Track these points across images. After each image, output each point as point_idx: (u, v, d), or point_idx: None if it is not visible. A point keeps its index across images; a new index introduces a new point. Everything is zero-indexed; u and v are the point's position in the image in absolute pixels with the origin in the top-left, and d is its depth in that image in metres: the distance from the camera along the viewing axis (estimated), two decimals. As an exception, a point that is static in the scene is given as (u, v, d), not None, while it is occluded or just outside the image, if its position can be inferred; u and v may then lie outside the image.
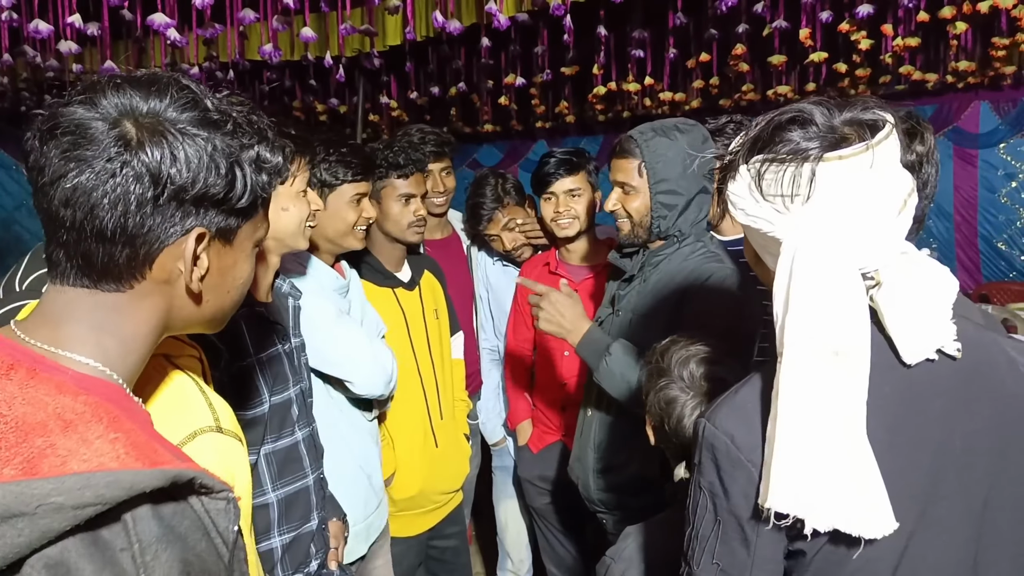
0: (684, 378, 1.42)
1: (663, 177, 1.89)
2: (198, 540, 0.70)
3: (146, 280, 0.78)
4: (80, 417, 0.68)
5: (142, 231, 0.75)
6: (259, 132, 0.85)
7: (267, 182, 0.86)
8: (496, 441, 2.88)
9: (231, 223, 0.83)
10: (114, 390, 0.77)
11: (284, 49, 3.39)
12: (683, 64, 3.96)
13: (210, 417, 1.00)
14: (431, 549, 2.52)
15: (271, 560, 1.60)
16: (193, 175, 0.76)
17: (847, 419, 0.92)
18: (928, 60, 3.90)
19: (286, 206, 1.64)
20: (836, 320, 0.93)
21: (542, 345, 2.61)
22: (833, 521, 0.92)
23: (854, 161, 0.94)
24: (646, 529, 1.44)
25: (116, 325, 0.78)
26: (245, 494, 1.05)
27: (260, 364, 1.59)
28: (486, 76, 4.17)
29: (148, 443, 0.70)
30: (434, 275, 2.51)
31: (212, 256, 0.82)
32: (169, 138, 0.75)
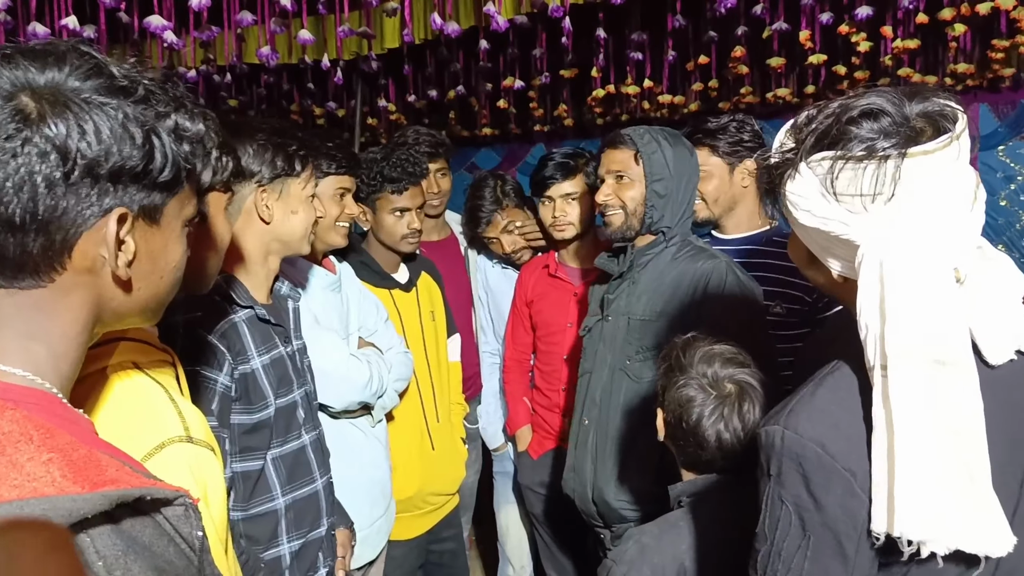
0: (707, 376, 1.39)
1: (658, 165, 1.91)
2: (164, 547, 0.66)
3: (67, 271, 0.71)
4: (8, 437, 0.62)
5: (55, 215, 0.68)
6: (175, 99, 0.78)
7: (189, 152, 0.78)
8: (497, 446, 2.85)
9: (155, 199, 0.75)
10: (47, 399, 0.71)
11: (282, 52, 3.38)
12: (682, 67, 3.95)
13: (180, 426, 0.97)
14: (430, 553, 2.50)
15: (279, 568, 1.57)
16: (105, 147, 0.69)
17: (963, 432, 0.87)
18: (927, 62, 3.88)
19: (296, 209, 1.62)
20: (939, 327, 0.87)
21: (542, 351, 2.59)
22: (956, 543, 0.86)
23: (940, 155, 0.89)
24: (648, 531, 1.41)
25: (42, 328, 0.71)
26: (219, 504, 1.02)
27: (264, 367, 1.57)
28: (484, 79, 4.15)
29: (88, 459, 0.64)
30: (431, 277, 2.50)
31: (138, 239, 0.75)
32: (74, 109, 0.68)
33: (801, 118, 1.00)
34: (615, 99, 4.27)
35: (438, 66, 3.93)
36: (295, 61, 3.45)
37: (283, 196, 1.60)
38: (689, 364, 1.42)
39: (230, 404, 1.51)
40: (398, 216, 2.24)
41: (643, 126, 2.01)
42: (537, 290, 2.59)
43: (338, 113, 4.34)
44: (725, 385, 1.39)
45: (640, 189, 1.95)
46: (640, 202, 1.95)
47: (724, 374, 1.40)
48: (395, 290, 2.34)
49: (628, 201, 1.96)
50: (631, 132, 1.97)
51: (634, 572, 1.34)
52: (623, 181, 1.97)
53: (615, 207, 1.98)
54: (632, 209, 1.96)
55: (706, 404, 1.37)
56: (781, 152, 1.00)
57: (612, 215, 1.99)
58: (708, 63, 3.76)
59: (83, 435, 0.70)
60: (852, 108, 0.93)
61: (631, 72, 3.89)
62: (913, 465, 0.86)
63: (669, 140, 1.96)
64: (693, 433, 1.39)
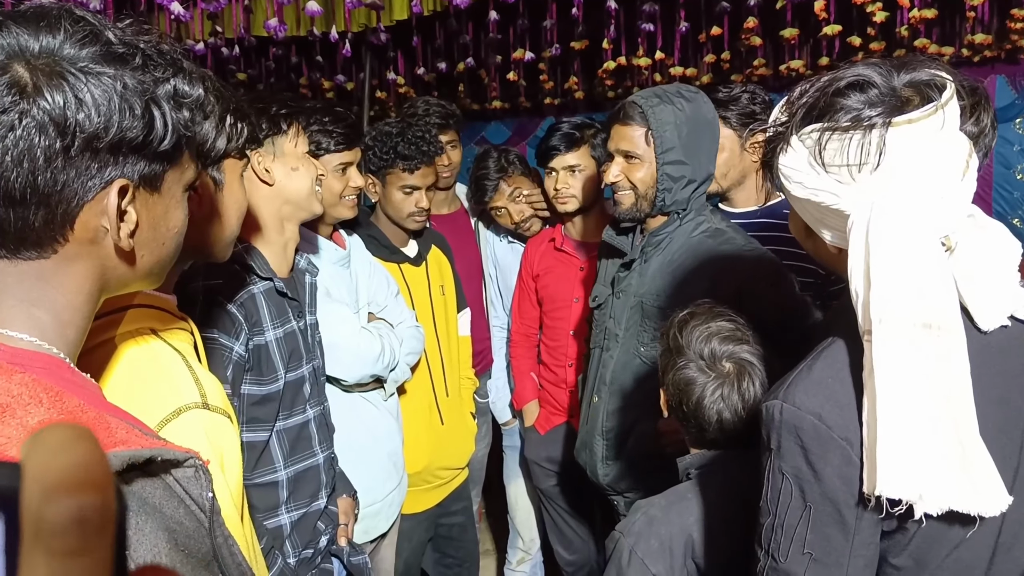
0: (704, 357, 1.39)
1: (670, 146, 1.79)
2: (175, 508, 0.67)
3: (69, 243, 0.70)
4: (17, 400, 0.62)
5: (56, 189, 0.67)
6: (173, 63, 0.75)
7: (189, 118, 0.76)
8: (506, 421, 2.86)
9: (155, 169, 0.74)
10: (55, 363, 0.71)
11: (290, 24, 3.35)
12: (694, 38, 3.90)
13: (196, 393, 0.98)
14: (439, 527, 2.53)
15: (280, 536, 1.59)
16: (105, 119, 0.67)
17: (951, 394, 0.88)
18: (944, 33, 3.82)
19: (295, 166, 1.63)
20: (924, 291, 0.88)
21: (549, 326, 2.58)
22: (947, 502, 0.87)
23: (924, 124, 0.89)
24: (656, 503, 1.42)
25: (46, 296, 0.71)
26: (235, 470, 1.02)
27: (277, 340, 1.58)
28: (494, 51, 4.12)
29: (98, 421, 0.65)
30: (441, 250, 2.49)
31: (140, 208, 0.74)
32: (71, 79, 0.66)
33: (795, 93, 1.01)
34: (626, 71, 4.22)
35: (447, 38, 3.89)
36: (303, 33, 3.42)
37: (278, 155, 1.62)
38: (687, 344, 1.41)
39: (242, 374, 1.52)
40: (407, 194, 2.23)
41: (656, 90, 1.85)
42: (543, 264, 2.57)
43: (347, 86, 4.32)
44: (724, 364, 1.38)
45: (651, 170, 1.83)
46: (651, 184, 1.83)
47: (722, 352, 1.39)
48: (404, 264, 2.34)
49: (638, 183, 1.84)
50: (643, 102, 1.82)
51: (642, 543, 1.35)
52: (632, 161, 1.84)
53: (624, 188, 1.87)
54: (643, 192, 1.84)
55: (706, 385, 1.37)
56: (774, 126, 1.01)
57: (622, 195, 1.89)
58: (720, 34, 3.71)
59: (91, 399, 0.71)
60: (840, 80, 0.95)
61: (642, 44, 3.84)
62: (894, 426, 0.88)
63: (685, 108, 1.81)
64: (695, 415, 1.39)
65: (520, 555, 2.97)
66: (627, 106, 1.86)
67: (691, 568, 1.34)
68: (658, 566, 1.31)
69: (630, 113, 1.84)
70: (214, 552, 0.72)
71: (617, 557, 1.36)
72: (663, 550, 1.33)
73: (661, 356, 1.48)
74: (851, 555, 0.96)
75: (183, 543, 0.66)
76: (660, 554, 1.33)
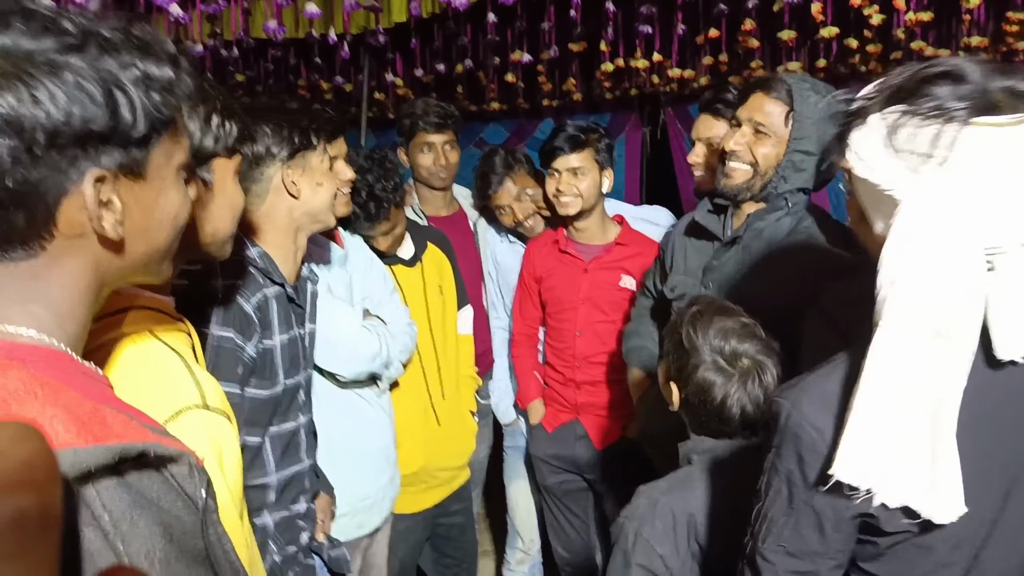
0: (725, 355, 1.40)
1: (806, 134, 1.69)
2: (172, 502, 0.67)
3: (56, 239, 0.69)
4: (13, 395, 0.62)
5: (29, 188, 0.66)
6: (140, 46, 0.72)
7: (161, 101, 0.73)
8: (509, 421, 2.86)
9: (135, 155, 0.72)
10: (56, 355, 0.70)
11: (288, 26, 3.35)
12: (692, 40, 3.91)
13: (196, 394, 0.98)
14: (437, 527, 2.53)
15: (264, 535, 1.62)
16: (64, 112, 0.65)
17: (938, 402, 0.88)
18: (940, 36, 3.83)
19: (320, 181, 1.66)
20: (947, 298, 0.87)
21: (553, 327, 2.58)
22: (904, 498, 0.89)
23: (1005, 132, 0.87)
24: (658, 486, 1.43)
25: (41, 293, 0.71)
26: (235, 471, 1.03)
27: (282, 345, 1.60)
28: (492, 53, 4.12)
29: (93, 414, 0.64)
30: (440, 248, 2.48)
31: (125, 196, 0.72)
32: (24, 76, 0.64)
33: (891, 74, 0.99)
34: (624, 73, 4.23)
35: (446, 40, 3.90)
36: (302, 35, 3.43)
37: (306, 170, 1.64)
38: (704, 343, 1.42)
39: (249, 375, 1.54)
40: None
41: (808, 78, 1.74)
42: (546, 266, 2.57)
43: (345, 88, 4.32)
44: (743, 361, 1.40)
45: (778, 151, 1.70)
46: (774, 163, 1.71)
47: (741, 349, 1.41)
48: (397, 266, 2.34)
49: (761, 159, 1.72)
50: (793, 84, 1.70)
51: (646, 526, 1.36)
52: (762, 135, 1.72)
53: (744, 160, 1.74)
54: (763, 170, 1.72)
55: (729, 385, 1.39)
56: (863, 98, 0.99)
57: (736, 168, 1.75)
58: (718, 36, 3.72)
59: (95, 390, 0.71)
60: (935, 67, 0.93)
61: (640, 46, 3.85)
62: (866, 415, 0.89)
63: (828, 108, 1.69)
64: (718, 413, 1.41)
65: (520, 555, 2.97)
66: (774, 81, 1.74)
67: (694, 549, 1.35)
68: (663, 546, 1.33)
69: (776, 87, 1.72)
70: (207, 549, 0.73)
71: (623, 540, 1.37)
72: (667, 531, 1.34)
73: (672, 351, 1.49)
74: (824, 557, 1.00)
75: (179, 538, 0.66)
76: (665, 535, 1.34)
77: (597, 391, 2.52)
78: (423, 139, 2.68)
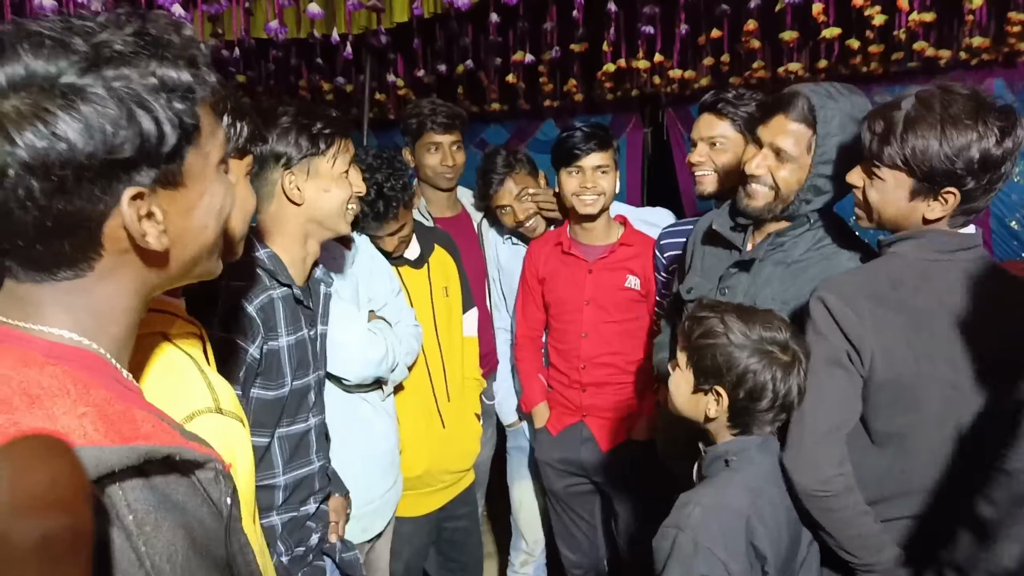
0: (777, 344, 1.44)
1: (830, 158, 1.64)
2: (198, 506, 0.67)
3: (104, 257, 0.70)
4: (46, 391, 0.62)
5: (70, 219, 0.66)
6: (155, 50, 0.69)
7: (185, 109, 0.70)
8: (511, 423, 2.85)
9: (168, 168, 0.71)
10: (92, 358, 0.71)
11: (290, 26, 3.34)
12: (694, 41, 3.91)
13: (209, 398, 0.98)
14: (442, 530, 2.52)
15: (272, 535, 1.62)
16: (91, 146, 0.64)
17: None
18: (942, 36, 3.83)
19: (328, 187, 1.63)
20: None
21: (557, 328, 2.57)
22: None
23: None
24: (705, 493, 1.44)
25: (88, 304, 0.71)
26: (247, 474, 1.03)
27: (288, 347, 1.59)
28: (494, 53, 4.12)
29: (124, 415, 0.65)
30: (446, 250, 2.47)
31: (167, 205, 0.72)
32: (41, 113, 0.62)
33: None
34: (626, 74, 4.23)
35: (447, 40, 3.89)
36: (304, 35, 3.42)
37: (312, 176, 1.61)
38: (749, 339, 1.43)
39: (253, 377, 1.53)
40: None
41: (831, 90, 1.65)
42: (549, 267, 2.56)
43: (346, 88, 4.32)
44: (790, 349, 1.44)
45: (800, 176, 1.66)
46: (796, 188, 1.67)
47: (785, 338, 1.45)
48: (404, 267, 2.33)
49: (782, 183, 1.68)
50: (816, 102, 1.63)
51: (703, 533, 1.34)
52: (783, 158, 1.67)
53: (765, 183, 1.70)
54: (785, 194, 1.68)
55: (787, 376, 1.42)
56: None
57: (757, 190, 1.72)
58: (720, 37, 3.72)
59: (124, 394, 0.71)
60: None
61: (642, 46, 3.85)
62: None
63: (855, 118, 1.61)
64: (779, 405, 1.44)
65: (524, 557, 2.96)
66: (797, 99, 1.66)
67: (750, 552, 1.36)
68: (724, 552, 1.33)
69: (799, 108, 1.66)
70: (228, 558, 0.72)
71: (680, 552, 1.35)
72: (726, 536, 1.34)
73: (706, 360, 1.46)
74: None
75: (201, 543, 0.66)
76: (723, 540, 1.34)
77: (603, 393, 2.51)
78: (430, 139, 2.67)
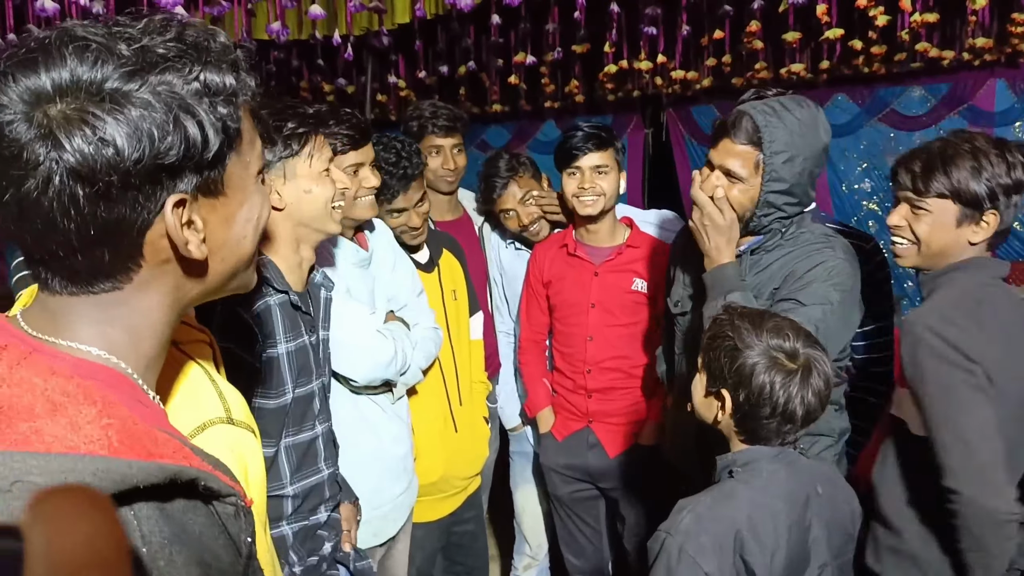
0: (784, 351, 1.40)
1: (779, 176, 1.69)
2: (215, 538, 0.64)
3: (143, 268, 0.69)
4: (71, 399, 0.60)
5: (112, 227, 0.65)
6: (196, 53, 0.68)
7: (228, 114, 0.70)
8: (514, 427, 2.84)
9: (211, 175, 0.70)
10: (119, 379, 0.69)
11: (292, 28, 3.33)
12: (696, 42, 3.90)
13: (221, 408, 0.97)
14: (450, 535, 2.51)
15: (283, 545, 1.59)
16: (137, 151, 0.63)
17: None
18: (945, 37, 3.83)
19: (308, 188, 1.58)
20: None
21: (562, 332, 2.55)
22: None
23: None
24: (702, 501, 1.40)
25: (122, 317, 0.70)
26: (259, 486, 1.02)
27: (288, 354, 1.57)
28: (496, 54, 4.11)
29: (147, 433, 0.62)
30: (453, 253, 2.46)
31: (207, 214, 0.71)
32: (88, 118, 0.62)
33: None
34: (627, 75, 4.22)
35: (449, 41, 3.89)
36: (305, 37, 3.41)
37: (290, 178, 1.57)
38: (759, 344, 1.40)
39: (254, 385, 1.51)
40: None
41: (775, 106, 1.70)
42: (554, 270, 2.53)
43: (347, 90, 4.31)
44: (800, 357, 1.39)
45: (752, 195, 1.73)
46: (748, 207, 1.74)
47: (797, 346, 1.40)
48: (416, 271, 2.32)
49: (734, 203, 1.74)
50: (763, 124, 1.67)
51: (691, 541, 1.32)
52: (732, 180, 1.73)
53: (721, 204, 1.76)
54: (739, 213, 1.75)
55: (792, 383, 1.37)
56: None
57: None
58: (722, 38, 3.71)
59: (150, 416, 0.69)
60: None
61: (644, 47, 3.84)
62: None
63: (804, 133, 1.68)
64: (782, 413, 1.38)
65: (527, 561, 2.95)
66: (742, 120, 1.72)
67: (739, 566, 1.32)
68: (709, 564, 1.30)
69: (744, 129, 1.71)
70: None
71: (666, 556, 1.33)
72: (714, 547, 1.31)
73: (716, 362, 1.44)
74: None
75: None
76: (711, 551, 1.31)
77: (609, 398, 2.48)
78: (431, 142, 2.66)
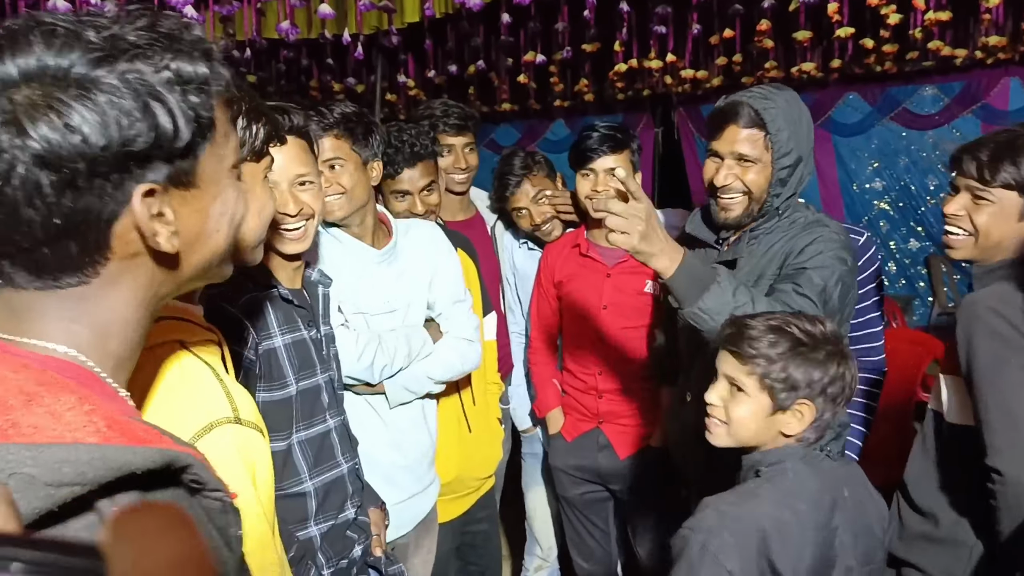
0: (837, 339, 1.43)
1: (787, 150, 1.79)
2: (208, 531, 0.63)
3: (111, 261, 0.66)
4: (47, 388, 0.58)
5: (79, 218, 0.62)
6: (169, 43, 0.67)
7: (200, 103, 0.68)
8: (526, 428, 2.82)
9: (182, 166, 0.68)
10: (85, 375, 0.66)
11: (301, 27, 3.34)
12: (706, 40, 3.89)
13: (228, 407, 0.96)
14: (464, 535, 2.50)
15: (311, 548, 1.58)
16: (104, 138, 0.61)
17: None
18: (958, 35, 3.80)
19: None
20: None
21: (573, 332, 2.53)
22: None
23: None
24: (726, 499, 1.39)
25: (89, 314, 0.67)
26: (267, 486, 1.01)
27: (286, 346, 1.57)
28: (505, 53, 4.11)
29: (128, 423, 0.60)
30: (467, 253, 2.44)
31: (179, 207, 0.69)
32: (54, 104, 0.60)
33: None
34: (637, 74, 4.22)
35: (459, 40, 3.88)
36: (315, 36, 3.42)
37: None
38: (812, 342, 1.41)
39: (255, 380, 1.51)
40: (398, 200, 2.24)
41: (764, 91, 1.83)
42: (566, 270, 2.52)
43: (357, 89, 4.32)
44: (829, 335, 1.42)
45: (766, 173, 1.80)
46: (765, 186, 1.81)
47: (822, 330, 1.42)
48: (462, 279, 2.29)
49: (752, 185, 1.81)
50: (757, 104, 1.79)
51: (714, 539, 1.31)
52: (747, 164, 1.81)
53: (736, 191, 1.83)
54: (757, 195, 1.81)
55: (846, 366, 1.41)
56: None
57: (732, 201, 1.84)
58: (733, 37, 3.70)
59: (124, 409, 0.67)
60: None
61: (654, 46, 3.83)
62: None
63: (789, 107, 1.80)
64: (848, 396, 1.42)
65: (538, 562, 2.93)
66: (741, 107, 1.81)
67: (763, 566, 1.31)
68: (732, 562, 1.28)
69: (744, 114, 1.80)
70: None
71: (688, 554, 1.32)
72: (737, 546, 1.30)
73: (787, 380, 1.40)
74: None
75: None
76: (734, 550, 1.30)
77: (620, 399, 2.46)
78: (443, 141, 2.64)
